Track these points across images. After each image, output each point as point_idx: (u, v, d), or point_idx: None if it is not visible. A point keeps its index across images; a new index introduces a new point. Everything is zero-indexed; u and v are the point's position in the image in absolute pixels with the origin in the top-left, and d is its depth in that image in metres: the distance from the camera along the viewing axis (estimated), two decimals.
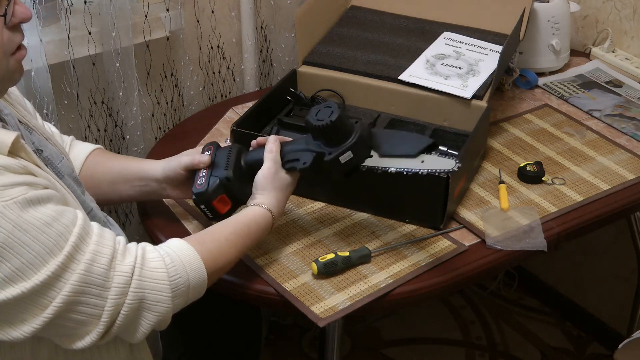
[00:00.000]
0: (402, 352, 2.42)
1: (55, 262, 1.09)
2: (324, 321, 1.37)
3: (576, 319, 2.51)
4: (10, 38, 1.15)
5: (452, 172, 1.38)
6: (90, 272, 1.12)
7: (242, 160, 1.45)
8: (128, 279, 1.15)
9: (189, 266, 1.22)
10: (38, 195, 1.11)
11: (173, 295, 1.19)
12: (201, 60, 2.03)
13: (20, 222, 1.07)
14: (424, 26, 1.97)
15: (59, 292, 1.10)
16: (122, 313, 1.15)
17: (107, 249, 1.15)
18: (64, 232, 1.11)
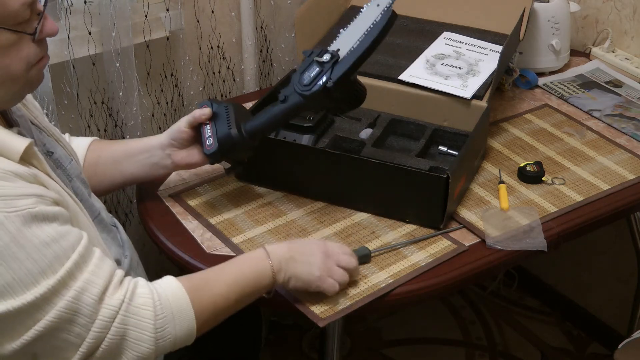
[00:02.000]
0: (402, 352, 2.42)
1: (46, 285, 1.08)
2: (324, 321, 1.37)
3: (576, 319, 2.51)
4: (36, 52, 1.16)
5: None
6: (79, 301, 1.11)
7: (242, 126, 1.47)
8: (114, 314, 1.14)
9: (177, 311, 1.20)
10: (44, 212, 1.10)
11: (156, 337, 1.17)
12: (201, 60, 2.03)
13: (19, 237, 1.06)
14: (424, 26, 1.97)
15: (45, 315, 1.09)
16: (102, 347, 1.13)
17: (101, 280, 1.14)
18: (61, 256, 1.10)
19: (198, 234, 1.54)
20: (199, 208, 1.60)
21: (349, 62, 1.42)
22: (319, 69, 1.42)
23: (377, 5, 1.42)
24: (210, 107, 1.50)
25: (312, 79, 1.42)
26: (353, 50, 1.42)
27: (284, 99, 1.46)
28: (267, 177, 1.64)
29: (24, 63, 1.15)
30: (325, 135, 1.72)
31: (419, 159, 1.63)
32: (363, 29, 1.42)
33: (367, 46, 1.41)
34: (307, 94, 1.43)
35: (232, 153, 1.49)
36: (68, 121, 1.84)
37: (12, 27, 1.11)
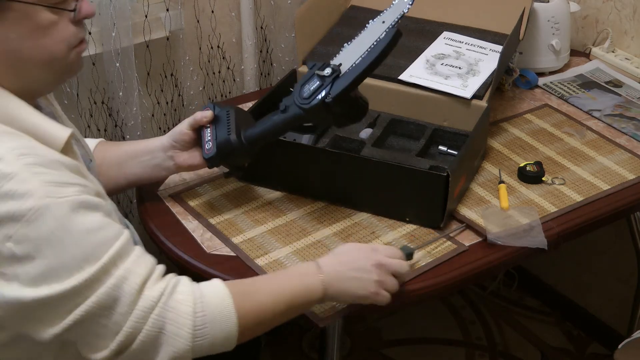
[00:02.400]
0: (402, 352, 2.42)
1: (89, 271, 1.08)
2: (324, 321, 1.37)
3: (576, 319, 2.51)
4: (75, 32, 1.17)
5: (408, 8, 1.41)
6: (119, 289, 1.11)
7: (242, 132, 1.47)
8: (153, 305, 1.13)
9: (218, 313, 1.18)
10: (89, 201, 1.11)
11: (194, 334, 1.15)
12: (201, 60, 2.03)
13: (66, 223, 1.07)
14: (423, 26, 1.97)
15: (85, 300, 1.09)
16: (139, 339, 1.13)
17: (143, 270, 1.14)
18: (105, 243, 1.10)
19: (198, 234, 1.54)
20: (199, 208, 1.60)
21: (350, 78, 1.41)
22: (319, 82, 1.42)
23: (382, 22, 1.41)
24: (213, 110, 1.50)
25: (311, 92, 1.42)
26: (355, 67, 1.42)
27: (285, 109, 1.46)
28: (267, 177, 1.64)
29: (64, 44, 1.15)
30: (325, 135, 1.72)
31: (419, 159, 1.63)
32: (367, 45, 1.41)
33: (369, 63, 1.40)
34: (306, 107, 1.42)
35: (230, 158, 1.49)
36: None
37: (51, 4, 1.12)
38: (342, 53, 1.45)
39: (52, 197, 1.06)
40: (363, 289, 1.31)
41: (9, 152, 1.07)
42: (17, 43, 1.11)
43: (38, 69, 1.15)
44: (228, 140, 1.47)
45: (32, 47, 1.12)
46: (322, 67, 1.43)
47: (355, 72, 1.41)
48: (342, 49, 1.45)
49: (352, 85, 1.42)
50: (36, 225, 1.05)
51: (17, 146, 1.08)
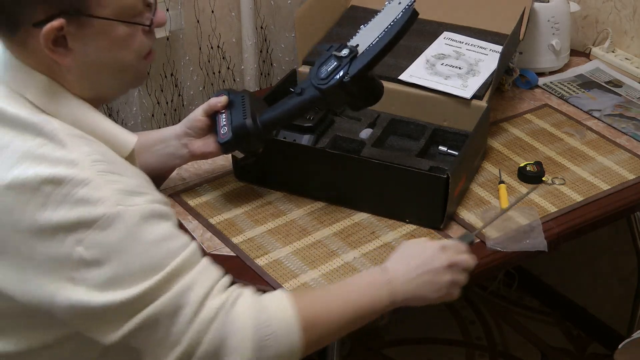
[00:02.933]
0: (402, 352, 2.42)
1: (154, 279, 1.09)
2: None
3: (576, 319, 2.51)
4: (147, 43, 1.19)
5: None
6: (182, 298, 1.10)
7: (257, 117, 1.46)
8: (213, 317, 1.12)
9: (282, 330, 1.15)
10: (159, 210, 1.12)
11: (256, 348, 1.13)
12: (201, 60, 2.03)
13: (136, 232, 1.08)
14: (423, 26, 1.97)
15: (147, 307, 1.09)
16: (201, 349, 1.11)
17: (208, 281, 1.13)
18: (172, 253, 1.11)
19: (198, 234, 1.54)
20: (199, 208, 1.60)
21: (367, 58, 1.41)
22: (336, 63, 1.42)
23: (398, 3, 1.42)
24: (227, 96, 1.50)
25: (329, 73, 1.41)
26: (372, 47, 1.42)
27: (300, 92, 1.45)
28: (267, 177, 1.64)
29: (135, 54, 1.17)
30: (325, 135, 1.72)
31: (419, 159, 1.63)
32: (383, 26, 1.42)
33: (385, 43, 1.41)
34: (324, 87, 1.42)
35: (245, 143, 1.48)
36: None
37: (129, 20, 1.14)
38: (358, 34, 1.44)
39: (123, 205, 1.07)
40: (436, 292, 1.29)
41: (84, 157, 1.09)
42: (95, 56, 1.14)
43: (111, 79, 1.18)
44: (244, 124, 1.46)
45: (108, 59, 1.15)
46: (339, 48, 1.43)
47: (373, 52, 1.41)
48: (359, 30, 1.45)
49: (370, 64, 1.41)
50: (107, 232, 1.06)
51: (91, 151, 1.10)
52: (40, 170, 1.06)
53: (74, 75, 1.14)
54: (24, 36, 1.10)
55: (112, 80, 1.18)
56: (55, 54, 1.10)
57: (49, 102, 1.12)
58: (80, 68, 1.14)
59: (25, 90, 1.12)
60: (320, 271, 1.45)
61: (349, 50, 1.42)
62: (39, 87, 1.13)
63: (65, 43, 1.10)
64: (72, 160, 1.08)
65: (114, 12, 1.12)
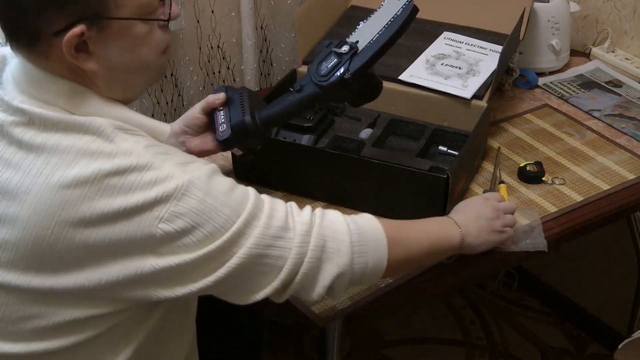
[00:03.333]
0: (402, 352, 2.42)
1: (240, 220, 1.13)
2: (324, 321, 1.37)
3: (576, 319, 2.51)
4: (164, 38, 1.21)
5: None
6: (271, 225, 1.16)
7: (256, 114, 1.46)
8: (309, 227, 1.19)
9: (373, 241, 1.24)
10: (215, 167, 1.17)
11: (353, 251, 1.21)
12: (201, 60, 2.03)
13: (210, 190, 1.12)
14: (423, 26, 1.97)
15: (242, 246, 1.13)
16: (306, 261, 1.17)
17: (282, 206, 1.20)
18: (243, 196, 1.16)
19: None
20: None
21: (368, 54, 1.41)
22: (337, 60, 1.41)
23: (398, 0, 1.42)
24: (225, 93, 1.49)
25: (329, 69, 1.41)
26: (372, 43, 1.41)
27: (300, 89, 1.44)
28: (267, 177, 1.64)
29: (155, 51, 1.20)
30: (325, 135, 1.72)
31: (419, 159, 1.63)
32: (383, 23, 1.41)
33: (386, 40, 1.40)
34: (324, 84, 1.41)
35: (244, 140, 1.47)
36: None
37: (147, 17, 1.16)
38: (357, 31, 1.44)
39: (189, 172, 1.12)
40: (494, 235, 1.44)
41: (136, 145, 1.13)
42: (117, 58, 1.15)
43: (136, 78, 1.20)
44: (243, 121, 1.45)
45: (131, 59, 1.17)
46: (338, 44, 1.42)
47: (373, 49, 1.40)
48: (358, 27, 1.44)
49: (371, 61, 1.41)
50: (184, 201, 1.10)
51: (139, 139, 1.14)
52: (99, 165, 1.09)
53: (100, 80, 1.16)
54: (45, 47, 1.12)
55: (137, 79, 1.21)
56: (78, 60, 1.12)
57: (83, 106, 1.15)
58: (105, 71, 1.15)
59: (56, 100, 1.14)
60: None
61: (349, 46, 1.42)
62: (70, 94, 1.14)
63: (87, 48, 1.12)
64: (127, 150, 1.11)
65: (131, 12, 1.13)
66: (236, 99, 1.48)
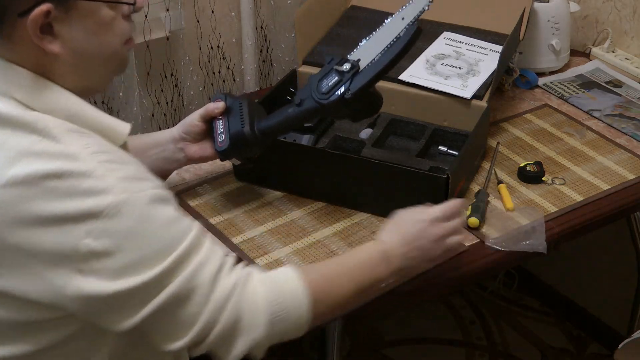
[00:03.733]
0: (402, 352, 2.42)
1: (167, 262, 1.09)
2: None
3: (576, 319, 2.51)
4: (128, 27, 1.19)
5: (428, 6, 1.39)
6: (196, 278, 1.11)
7: (255, 124, 1.46)
8: (228, 295, 1.14)
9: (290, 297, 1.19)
10: (163, 194, 1.12)
11: (269, 323, 1.17)
12: (201, 60, 2.03)
13: (145, 216, 1.08)
14: (424, 26, 1.96)
15: (163, 291, 1.10)
16: (217, 328, 1.13)
17: (217, 259, 1.15)
18: (180, 235, 1.11)
19: None
20: (199, 208, 1.60)
21: (369, 75, 1.40)
22: (337, 78, 1.41)
23: (402, 19, 1.39)
24: (224, 101, 1.49)
25: (330, 87, 1.41)
26: (374, 63, 1.40)
27: (300, 103, 1.44)
28: (267, 177, 1.64)
29: (120, 39, 1.18)
30: (325, 135, 1.73)
31: (419, 159, 1.63)
32: (386, 42, 1.40)
33: (388, 60, 1.39)
34: (325, 102, 1.42)
35: (243, 151, 1.48)
36: None
37: (114, 0, 1.14)
38: (359, 48, 1.43)
39: (129, 192, 1.07)
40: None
41: (82, 149, 1.08)
42: (82, 41, 1.13)
43: (99, 66, 1.17)
44: (242, 132, 1.45)
45: (96, 44, 1.15)
46: (340, 62, 1.42)
47: (375, 69, 1.40)
48: (360, 44, 1.43)
49: (372, 82, 1.41)
50: (116, 220, 1.06)
51: (88, 144, 1.10)
52: (40, 165, 1.06)
53: (63, 65, 1.13)
54: (8, 29, 1.09)
55: (100, 67, 1.18)
56: (43, 42, 1.09)
57: (38, 99, 1.11)
58: (69, 55, 1.13)
59: (13, 90, 1.11)
60: None
61: (351, 65, 1.41)
62: (27, 85, 1.12)
63: (52, 31, 1.10)
64: (72, 154, 1.07)
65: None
66: (235, 108, 1.48)
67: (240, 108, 1.48)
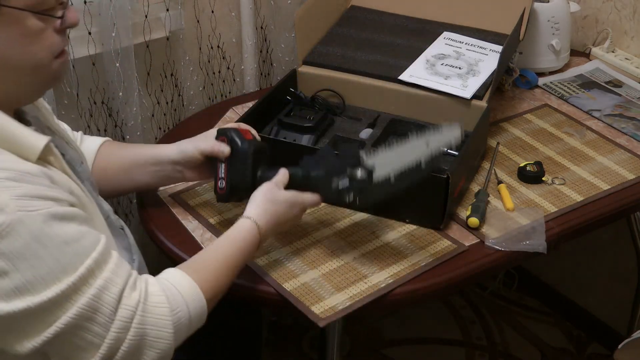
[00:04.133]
0: (402, 352, 2.42)
1: (67, 282, 1.08)
2: (324, 321, 1.37)
3: (576, 319, 2.51)
4: (59, 41, 1.17)
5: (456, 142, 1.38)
6: (99, 300, 1.11)
7: (257, 174, 1.45)
8: (132, 314, 1.13)
9: (189, 297, 1.22)
10: (63, 212, 1.10)
11: (175, 331, 1.18)
12: (201, 60, 2.03)
13: (41, 235, 1.06)
14: (423, 26, 1.97)
15: (65, 312, 1.08)
16: (122, 349, 1.13)
17: (121, 280, 1.14)
18: (82, 254, 1.10)
19: (198, 234, 1.54)
20: (199, 208, 1.60)
21: (380, 192, 1.39)
22: (349, 184, 1.39)
23: (426, 145, 1.37)
24: (229, 141, 1.47)
25: (339, 190, 1.40)
26: (387, 182, 1.38)
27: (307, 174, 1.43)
28: None
29: (48, 52, 1.16)
30: (325, 135, 1.72)
31: None
32: (404, 162, 1.37)
33: (401, 186, 1.39)
34: (329, 195, 1.43)
35: (241, 198, 1.48)
36: (68, 121, 1.83)
37: (41, 11, 1.13)
38: (378, 155, 1.39)
39: (24, 210, 1.05)
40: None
41: None
42: (5, 49, 1.12)
43: (23, 77, 1.15)
44: (242, 184, 1.45)
45: (20, 54, 1.13)
46: (354, 163, 1.38)
47: (385, 191, 1.39)
48: (380, 151, 1.39)
49: (381, 198, 1.41)
50: (9, 239, 1.04)
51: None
52: None
53: None
54: None
55: (27, 79, 1.16)
56: None
57: None
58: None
59: None
60: (320, 271, 1.45)
61: (366, 173, 1.37)
62: None
63: None
64: None
65: (25, 4, 1.11)
66: (240, 155, 1.45)
67: (245, 157, 1.45)
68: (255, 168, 1.46)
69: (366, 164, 1.38)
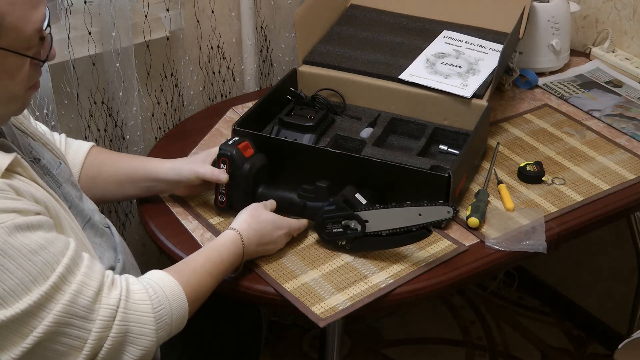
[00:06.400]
0: (402, 352, 2.42)
1: (39, 291, 1.08)
2: (324, 321, 1.37)
3: (576, 319, 2.51)
4: (34, 75, 1.19)
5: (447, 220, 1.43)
6: (75, 304, 1.11)
7: (260, 187, 1.51)
8: (113, 312, 1.15)
9: (172, 297, 1.23)
10: (27, 221, 1.10)
11: (157, 328, 1.19)
12: (201, 60, 2.03)
13: (6, 248, 1.07)
14: (423, 25, 1.97)
15: (41, 321, 1.09)
16: (105, 347, 1.14)
17: (95, 281, 1.14)
18: (51, 262, 1.10)
19: (198, 234, 1.54)
20: (199, 208, 1.59)
21: (371, 245, 1.46)
22: (342, 231, 1.45)
23: (419, 215, 1.40)
24: (230, 163, 1.50)
25: (332, 233, 1.46)
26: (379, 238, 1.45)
27: (304, 205, 1.49)
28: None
29: (22, 85, 1.17)
30: (326, 134, 1.72)
31: (419, 158, 1.63)
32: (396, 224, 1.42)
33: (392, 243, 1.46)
34: (323, 235, 1.48)
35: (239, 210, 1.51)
36: (68, 121, 1.84)
37: (23, 52, 1.13)
38: (373, 212, 1.43)
39: None
40: (272, 251, 1.48)
41: None
42: None
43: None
44: (243, 204, 1.49)
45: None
46: (349, 216, 1.44)
47: (375, 246, 1.46)
48: (375, 207, 1.44)
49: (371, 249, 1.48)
50: None
51: None
52: None
53: None
54: None
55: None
56: None
57: None
58: None
59: None
60: (320, 271, 1.45)
61: (360, 225, 1.43)
62: None
63: None
64: None
65: (8, 43, 1.11)
66: (239, 178, 1.50)
67: (246, 180, 1.51)
68: (256, 187, 1.52)
69: (361, 214, 1.43)
